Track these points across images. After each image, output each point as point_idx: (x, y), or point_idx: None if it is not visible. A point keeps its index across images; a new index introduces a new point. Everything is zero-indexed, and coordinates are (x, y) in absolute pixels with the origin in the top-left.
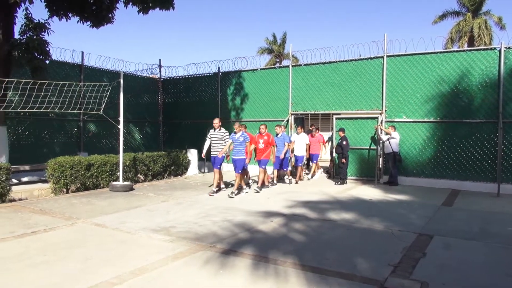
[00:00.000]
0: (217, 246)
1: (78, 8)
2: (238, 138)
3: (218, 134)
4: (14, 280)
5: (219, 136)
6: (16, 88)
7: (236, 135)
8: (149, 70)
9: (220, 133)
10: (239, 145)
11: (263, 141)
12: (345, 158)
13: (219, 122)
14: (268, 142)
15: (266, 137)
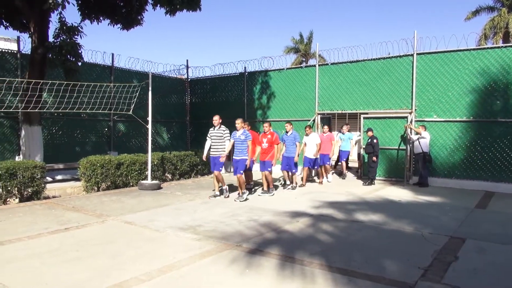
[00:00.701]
0: (243, 245)
1: (109, 11)
2: (239, 137)
3: (217, 133)
4: (50, 274)
5: (219, 135)
6: (50, 90)
7: (237, 133)
8: (176, 71)
9: (219, 131)
10: (240, 144)
11: (267, 140)
12: (376, 157)
13: (219, 120)
14: (271, 141)
15: (270, 135)
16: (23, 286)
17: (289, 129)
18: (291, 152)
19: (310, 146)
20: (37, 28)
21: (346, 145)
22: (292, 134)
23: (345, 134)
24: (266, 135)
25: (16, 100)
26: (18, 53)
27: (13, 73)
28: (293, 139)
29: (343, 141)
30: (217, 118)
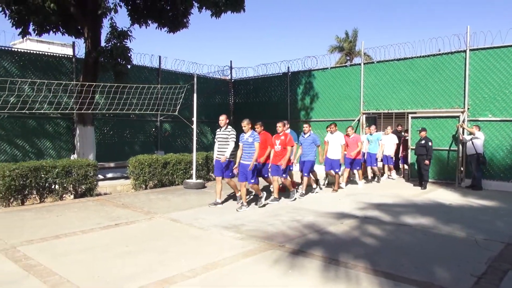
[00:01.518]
0: (286, 245)
1: (156, 15)
2: (247, 139)
3: (223, 134)
4: (102, 268)
5: (224, 136)
6: (102, 92)
7: (245, 136)
8: (220, 72)
9: (225, 132)
10: (248, 148)
11: (280, 142)
12: (429, 160)
13: (225, 120)
14: (284, 143)
15: (283, 136)
16: (76, 277)
17: (307, 130)
18: (307, 156)
19: (333, 146)
20: (90, 34)
21: (374, 147)
22: (310, 136)
23: (373, 135)
24: (279, 136)
25: (71, 101)
26: (73, 57)
27: (68, 76)
28: (311, 142)
29: (371, 143)
30: (223, 118)
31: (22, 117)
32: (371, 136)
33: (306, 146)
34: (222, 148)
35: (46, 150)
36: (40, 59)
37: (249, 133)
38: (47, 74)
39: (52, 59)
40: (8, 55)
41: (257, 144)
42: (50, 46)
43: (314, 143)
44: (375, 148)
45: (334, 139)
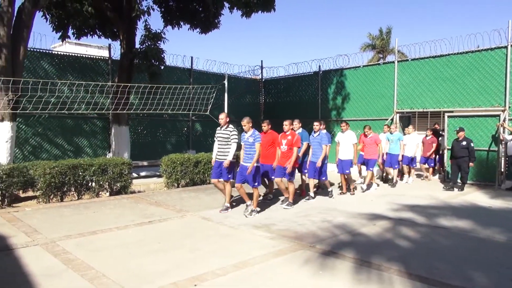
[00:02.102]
0: (317, 246)
1: (188, 16)
2: (247, 139)
3: (224, 133)
4: (135, 263)
5: (225, 136)
6: (136, 92)
7: (246, 135)
8: (251, 72)
9: (226, 131)
10: (249, 148)
11: (286, 142)
12: (473, 162)
13: (225, 118)
14: (291, 143)
15: (290, 136)
16: (112, 272)
17: (318, 129)
18: (317, 156)
19: (344, 146)
20: (125, 36)
21: (395, 147)
22: (319, 135)
23: (394, 134)
24: (286, 135)
25: (107, 102)
26: (109, 59)
27: (105, 78)
28: (320, 141)
29: (392, 143)
30: (223, 117)
31: (62, 117)
32: (391, 136)
33: (316, 146)
34: (222, 148)
35: (83, 149)
36: (78, 61)
37: (250, 133)
38: (85, 76)
39: (89, 61)
40: (49, 57)
41: (257, 144)
42: (87, 48)
43: (322, 142)
44: (396, 149)
45: (345, 139)
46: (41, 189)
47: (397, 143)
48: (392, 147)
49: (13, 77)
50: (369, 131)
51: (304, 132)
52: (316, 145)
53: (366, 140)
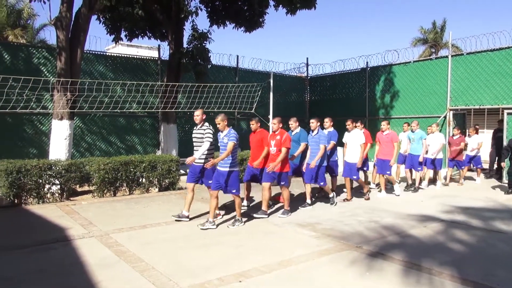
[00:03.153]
0: (364, 247)
1: (233, 16)
2: (222, 139)
3: (198, 133)
4: (182, 257)
5: (199, 136)
6: (184, 91)
7: (221, 135)
8: (296, 69)
9: (200, 130)
10: (223, 149)
11: (275, 142)
12: None
13: (201, 115)
14: (280, 144)
15: (279, 136)
16: (161, 265)
17: (315, 126)
18: (313, 159)
19: (351, 147)
20: (174, 36)
21: (417, 147)
22: (317, 135)
23: (416, 133)
24: (275, 135)
25: (157, 101)
26: (158, 59)
27: (154, 78)
28: (318, 141)
29: (413, 142)
30: (198, 114)
31: (114, 115)
32: (413, 134)
33: (314, 146)
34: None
35: (134, 146)
36: (130, 62)
37: (225, 132)
38: (136, 76)
39: (140, 62)
40: (103, 59)
41: (230, 143)
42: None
43: (320, 142)
44: (419, 149)
45: (352, 139)
46: (96, 184)
47: (419, 143)
48: (414, 147)
49: (71, 79)
50: (386, 126)
51: (303, 132)
52: (314, 145)
53: (382, 138)
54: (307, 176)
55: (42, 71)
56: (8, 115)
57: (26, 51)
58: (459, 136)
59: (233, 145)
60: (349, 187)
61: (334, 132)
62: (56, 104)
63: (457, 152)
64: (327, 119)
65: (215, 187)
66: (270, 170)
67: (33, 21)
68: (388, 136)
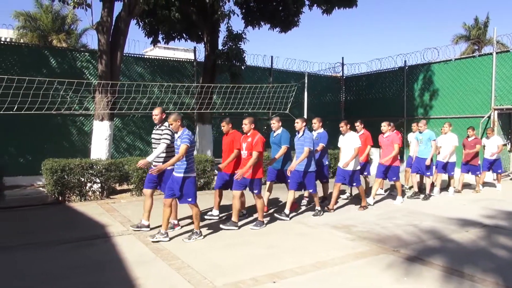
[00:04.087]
0: (401, 251)
1: (269, 16)
2: (176, 141)
3: (156, 133)
4: (217, 256)
5: (156, 136)
6: (219, 92)
7: (175, 136)
8: (331, 69)
9: (158, 131)
10: (177, 153)
11: (246, 145)
12: None
13: (160, 114)
14: (251, 146)
15: (251, 138)
16: (196, 263)
17: (300, 127)
18: (301, 164)
19: (346, 152)
20: (209, 38)
21: (425, 150)
22: (303, 136)
23: (424, 133)
24: (247, 137)
25: (192, 102)
26: (194, 61)
27: (190, 79)
28: (303, 144)
29: (421, 144)
30: (157, 113)
31: (151, 116)
32: (420, 135)
33: (299, 149)
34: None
35: None
36: (167, 64)
37: (179, 133)
38: (172, 77)
39: (176, 64)
40: (141, 61)
41: (183, 146)
42: (175, 52)
43: (305, 144)
44: (427, 151)
45: (347, 142)
46: (134, 183)
47: (428, 144)
48: (422, 149)
49: (111, 81)
50: (387, 127)
51: (285, 133)
52: (299, 148)
53: (383, 140)
54: (292, 182)
55: (84, 74)
56: (54, 116)
57: (70, 55)
58: (474, 137)
59: (186, 148)
60: (336, 194)
61: (324, 133)
62: (97, 105)
63: (471, 155)
64: (316, 119)
65: (168, 195)
66: (238, 177)
67: (76, 26)
68: (388, 138)
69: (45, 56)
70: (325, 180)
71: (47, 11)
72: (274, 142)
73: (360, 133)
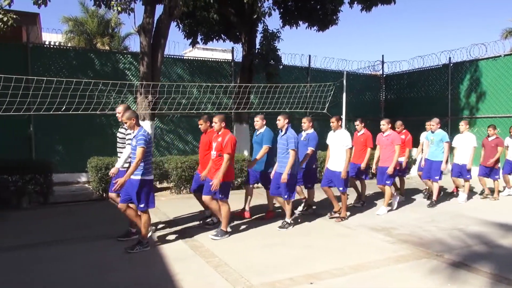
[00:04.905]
0: (445, 256)
1: (306, 15)
2: (131, 141)
3: (120, 132)
4: (253, 256)
5: (121, 136)
6: (256, 92)
7: (131, 135)
8: (371, 67)
9: (122, 130)
10: (134, 154)
11: (216, 145)
12: None
13: (123, 111)
14: (220, 147)
15: (221, 138)
16: (232, 261)
17: (281, 124)
18: (283, 166)
19: (335, 152)
20: (246, 38)
21: (436, 151)
22: (285, 135)
23: (436, 133)
24: (217, 136)
25: (230, 102)
26: (232, 61)
27: (228, 79)
28: (286, 143)
29: (432, 145)
30: (120, 110)
31: (190, 116)
32: (432, 135)
33: (281, 148)
34: (120, 154)
35: None
36: (205, 64)
37: (135, 132)
38: (211, 78)
39: (214, 64)
40: (180, 62)
41: (139, 149)
42: (213, 52)
43: (289, 145)
44: (438, 153)
45: (336, 141)
46: (173, 181)
47: (439, 145)
48: (432, 150)
49: (152, 82)
50: (387, 126)
51: (268, 132)
52: (281, 148)
53: (382, 140)
54: (273, 186)
55: (127, 75)
56: (98, 116)
57: (113, 58)
58: (495, 137)
59: (142, 151)
60: (332, 196)
61: (313, 134)
62: (139, 105)
63: (496, 161)
64: (305, 119)
65: (123, 200)
66: (214, 188)
67: (119, 29)
68: (388, 137)
69: (91, 59)
70: (310, 186)
71: (93, 16)
72: (256, 141)
73: (361, 132)
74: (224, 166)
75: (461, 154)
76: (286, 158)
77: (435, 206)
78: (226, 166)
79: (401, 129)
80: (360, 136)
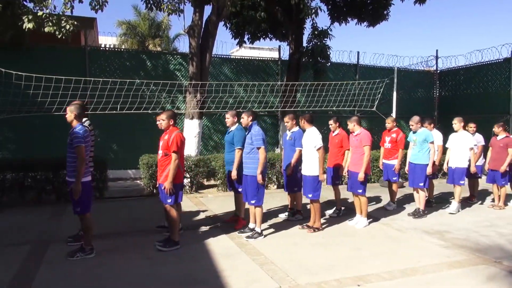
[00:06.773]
0: (504, 263)
1: (356, 11)
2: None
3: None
4: (300, 255)
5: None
6: (303, 90)
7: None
8: (424, 63)
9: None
10: (71, 157)
11: (162, 144)
12: None
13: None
14: (167, 146)
15: (167, 136)
16: (278, 260)
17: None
18: (249, 167)
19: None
20: (293, 36)
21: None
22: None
23: (418, 133)
24: (164, 135)
25: (277, 100)
26: (278, 60)
27: (274, 78)
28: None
29: (414, 147)
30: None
31: None
32: (414, 135)
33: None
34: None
35: None
36: (252, 63)
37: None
38: (257, 77)
39: (261, 63)
40: (227, 62)
41: (78, 149)
42: (260, 51)
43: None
44: (422, 156)
45: (307, 139)
46: (220, 179)
47: (423, 147)
48: (415, 153)
49: (201, 81)
50: (354, 125)
51: (239, 131)
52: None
53: (351, 140)
54: (243, 191)
55: (176, 76)
56: (149, 115)
57: (164, 58)
58: (505, 135)
59: (82, 149)
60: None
61: (299, 133)
62: (188, 104)
63: (499, 159)
64: (287, 117)
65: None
66: (168, 191)
67: (168, 31)
68: (358, 137)
69: (143, 60)
70: (296, 189)
71: (145, 19)
72: (226, 140)
73: (335, 133)
74: (172, 166)
75: (454, 157)
76: (250, 158)
77: (423, 216)
78: (175, 166)
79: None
80: (335, 136)
